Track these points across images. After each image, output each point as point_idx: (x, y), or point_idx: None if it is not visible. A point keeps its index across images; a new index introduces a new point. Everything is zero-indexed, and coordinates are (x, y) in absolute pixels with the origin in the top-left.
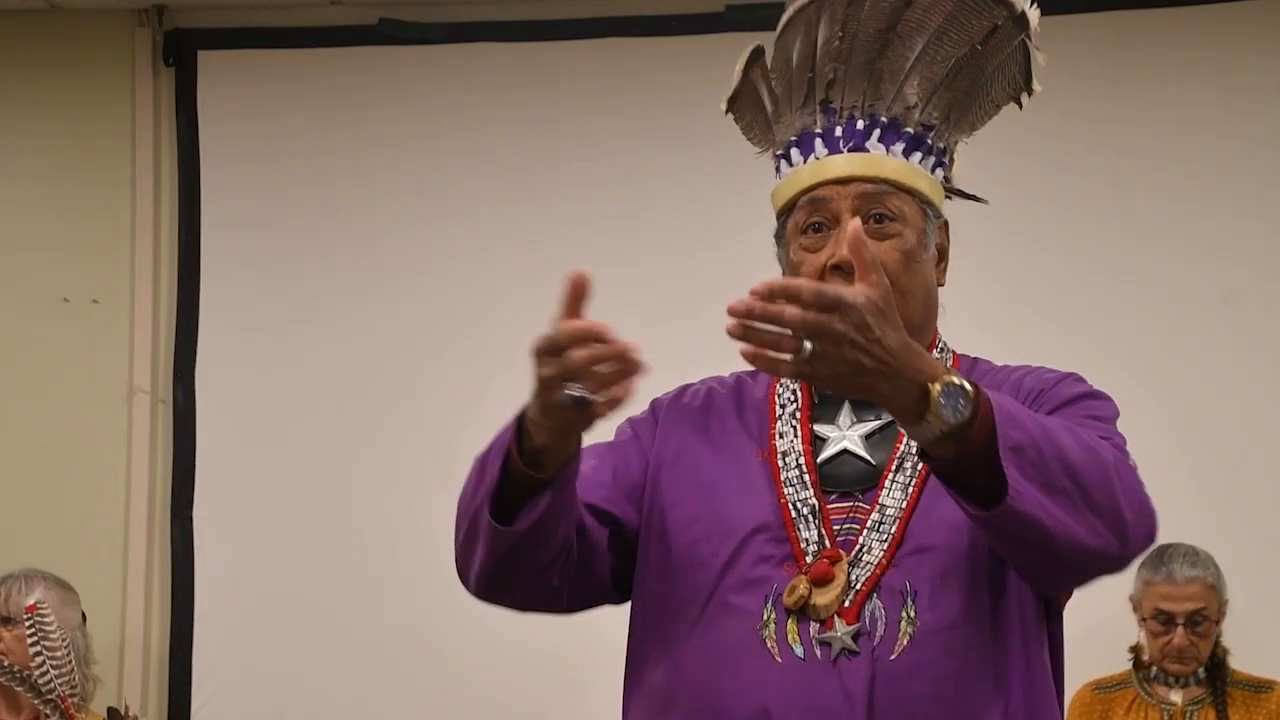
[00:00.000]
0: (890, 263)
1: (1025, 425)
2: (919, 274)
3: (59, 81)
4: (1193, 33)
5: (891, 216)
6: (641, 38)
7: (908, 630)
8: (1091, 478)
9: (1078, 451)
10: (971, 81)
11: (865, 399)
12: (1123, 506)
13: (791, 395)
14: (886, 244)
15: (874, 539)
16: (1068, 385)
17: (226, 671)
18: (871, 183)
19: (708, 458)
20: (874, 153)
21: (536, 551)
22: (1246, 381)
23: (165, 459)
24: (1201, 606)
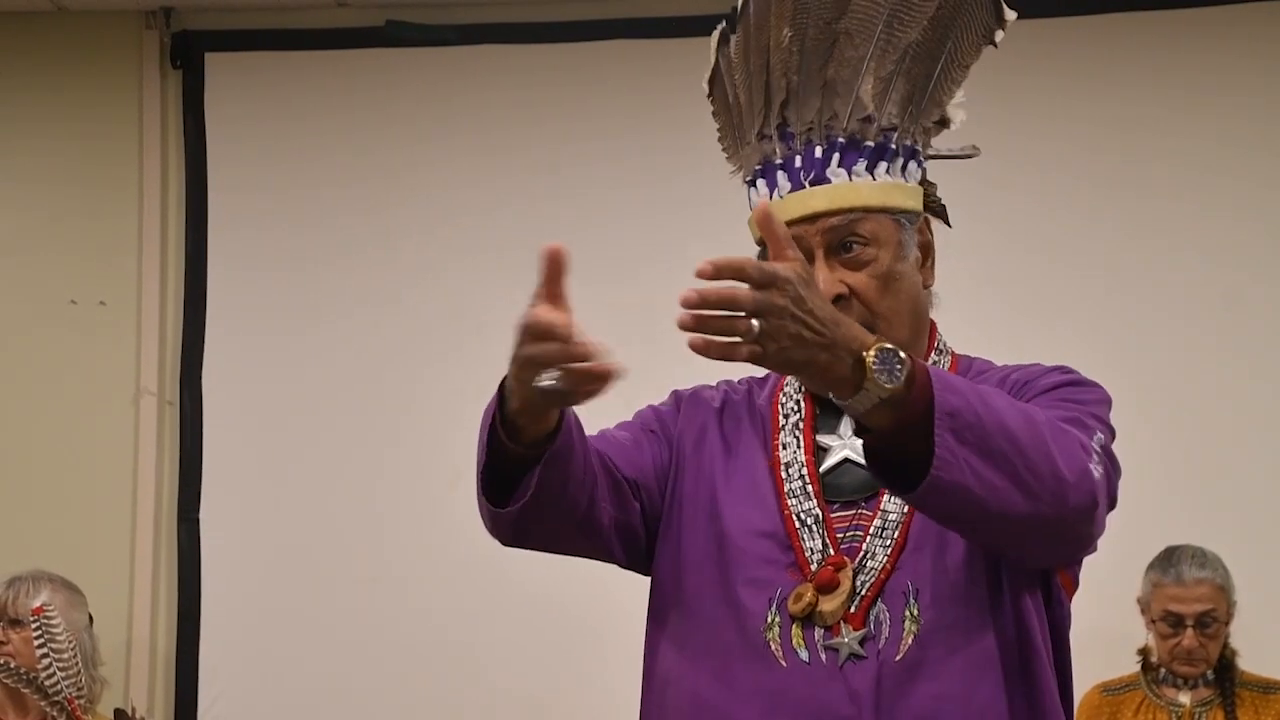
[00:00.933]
0: (867, 291)
1: (961, 391)
2: (900, 292)
3: (66, 84)
4: (1192, 36)
5: (863, 241)
6: (652, 39)
7: (911, 629)
8: (1027, 439)
9: (1013, 416)
10: (930, 61)
11: (807, 374)
12: (1060, 467)
13: (795, 405)
14: (862, 273)
15: (877, 545)
16: (1052, 375)
17: (233, 672)
18: (837, 214)
19: (723, 459)
20: (836, 181)
21: (543, 516)
22: (1248, 383)
23: (172, 461)
24: (1210, 608)
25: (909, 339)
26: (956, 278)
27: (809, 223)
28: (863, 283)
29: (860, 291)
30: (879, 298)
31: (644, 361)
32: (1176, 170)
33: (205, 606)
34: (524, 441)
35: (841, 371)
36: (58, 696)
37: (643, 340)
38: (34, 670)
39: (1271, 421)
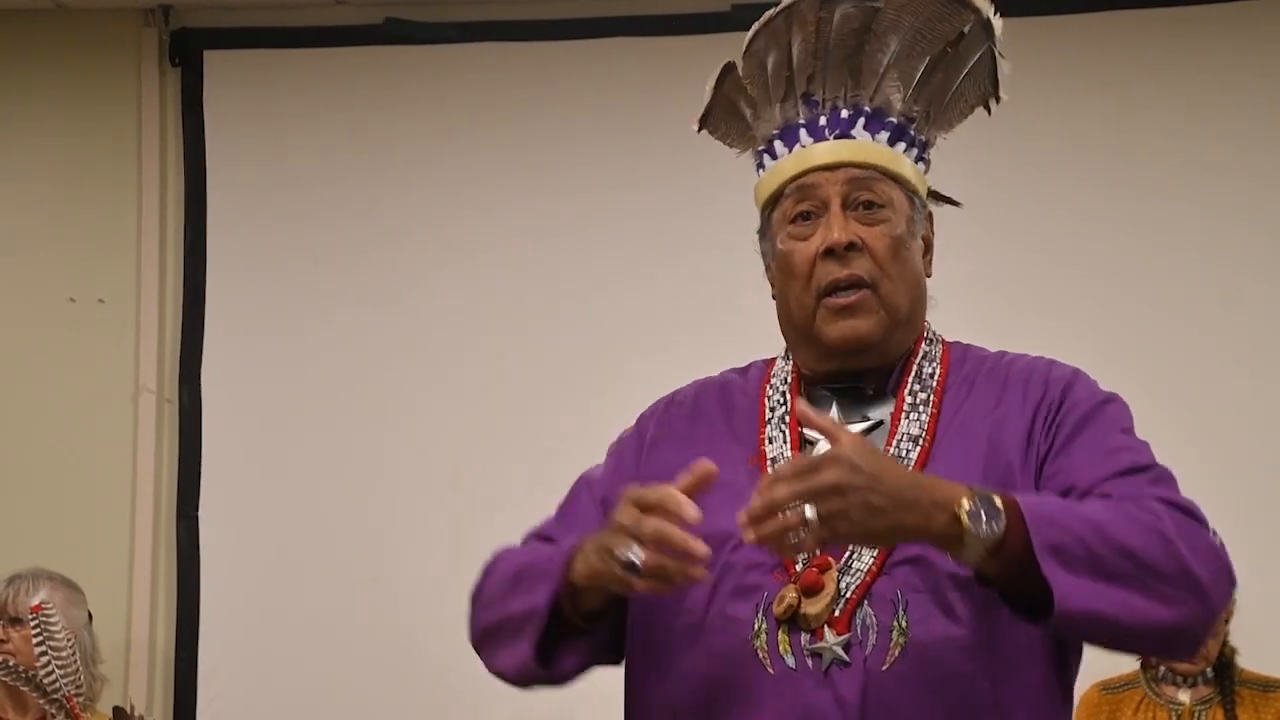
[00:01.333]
0: (880, 248)
1: (1061, 521)
2: (908, 261)
3: (65, 81)
4: (1191, 34)
5: (880, 203)
6: (649, 37)
7: (899, 640)
8: (1150, 551)
9: (1131, 532)
10: (946, 79)
11: (903, 539)
12: (1192, 566)
13: (781, 398)
14: (876, 229)
15: (864, 545)
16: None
17: (232, 671)
18: (860, 168)
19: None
20: (860, 139)
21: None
22: (1247, 382)
23: (171, 459)
24: None
25: (908, 313)
26: (956, 278)
27: (829, 170)
28: (876, 238)
29: (873, 247)
30: (890, 258)
31: (642, 359)
32: (1176, 170)
33: (204, 604)
34: (580, 609)
35: (938, 529)
36: (56, 694)
37: (640, 337)
38: (33, 668)
39: (1270, 421)
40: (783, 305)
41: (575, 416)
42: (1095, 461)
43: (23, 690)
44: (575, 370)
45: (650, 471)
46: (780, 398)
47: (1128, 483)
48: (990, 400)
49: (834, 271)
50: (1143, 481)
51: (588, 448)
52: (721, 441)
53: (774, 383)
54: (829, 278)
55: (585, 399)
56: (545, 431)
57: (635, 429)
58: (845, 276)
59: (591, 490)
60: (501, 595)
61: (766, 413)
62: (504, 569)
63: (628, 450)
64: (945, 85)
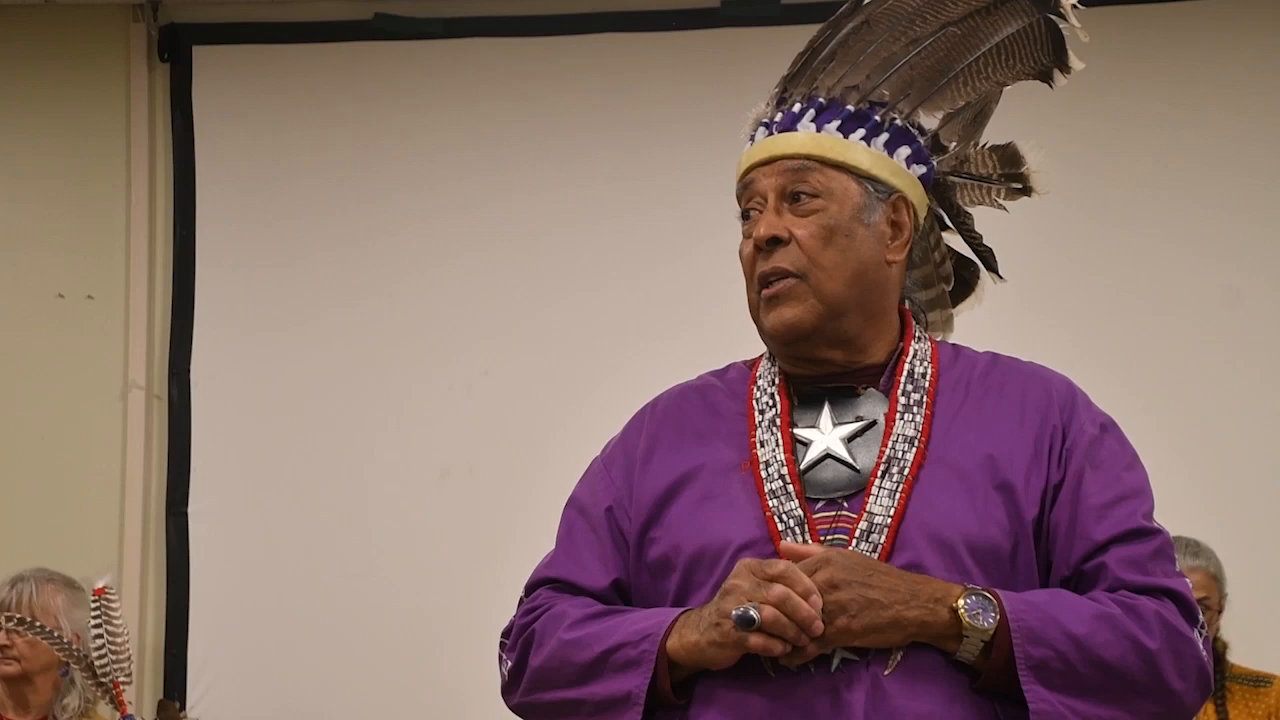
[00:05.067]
0: (805, 238)
1: (1045, 636)
2: (847, 250)
3: (53, 77)
4: (1194, 30)
5: (811, 193)
6: (638, 33)
7: (899, 648)
8: (1128, 667)
9: (1111, 647)
10: (945, 60)
11: (909, 635)
12: (1169, 681)
13: (770, 400)
14: (807, 219)
15: (863, 549)
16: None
17: (221, 667)
18: (795, 159)
19: (687, 480)
20: (803, 131)
21: None
22: (1246, 380)
23: (160, 455)
24: (1203, 596)
25: (852, 302)
26: None
27: (766, 165)
28: (804, 227)
29: (800, 239)
30: (819, 247)
31: (632, 356)
32: (1176, 167)
33: (194, 600)
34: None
35: (940, 621)
36: (105, 679)
37: (630, 334)
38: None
39: (1266, 417)
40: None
41: (565, 414)
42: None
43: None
44: (565, 366)
45: (645, 485)
46: (769, 400)
47: (1130, 552)
48: (987, 408)
49: (762, 265)
50: (1145, 554)
51: (576, 445)
52: (712, 448)
53: (760, 384)
54: (759, 269)
55: (575, 396)
56: (534, 428)
57: (620, 443)
58: (769, 269)
59: (588, 516)
60: (576, 676)
61: (756, 416)
62: (566, 642)
63: (616, 465)
64: (940, 65)
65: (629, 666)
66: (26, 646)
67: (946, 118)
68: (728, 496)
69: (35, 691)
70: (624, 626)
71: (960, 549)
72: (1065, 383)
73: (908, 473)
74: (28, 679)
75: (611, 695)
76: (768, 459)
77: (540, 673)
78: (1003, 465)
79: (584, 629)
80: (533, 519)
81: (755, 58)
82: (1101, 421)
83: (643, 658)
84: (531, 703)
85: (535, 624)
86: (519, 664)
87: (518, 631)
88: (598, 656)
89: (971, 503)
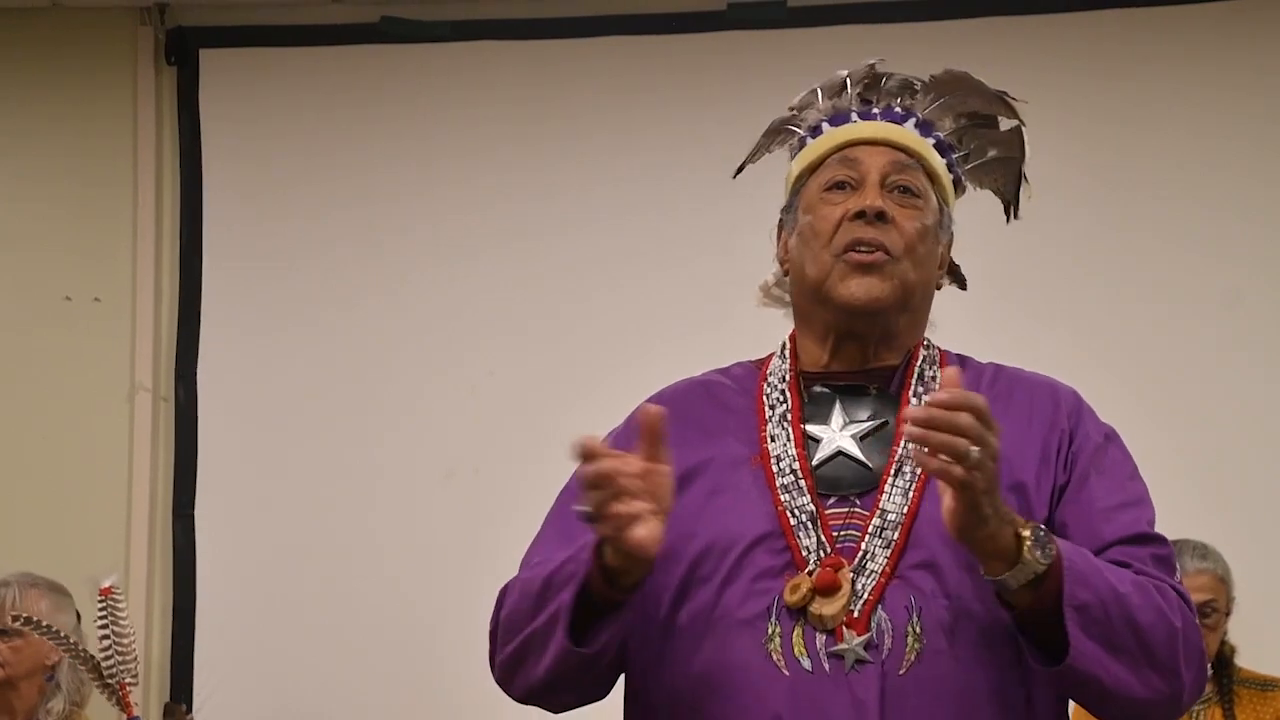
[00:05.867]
0: (910, 229)
1: (1092, 583)
2: (929, 254)
3: (61, 80)
4: (1194, 32)
5: (916, 192)
6: (645, 36)
7: (914, 646)
8: (1156, 638)
9: (1145, 612)
10: (978, 144)
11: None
12: (1181, 665)
13: (780, 396)
14: (909, 212)
15: (876, 545)
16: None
17: (227, 670)
18: (905, 152)
19: (696, 473)
20: (909, 130)
21: (602, 661)
22: (1248, 382)
23: (167, 457)
24: (1211, 598)
25: (917, 301)
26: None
27: (874, 145)
28: (908, 218)
29: (902, 225)
30: (916, 240)
31: (638, 358)
32: (1176, 168)
33: (200, 603)
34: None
35: (1005, 541)
36: (112, 680)
37: (636, 336)
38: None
39: (1270, 419)
40: (798, 272)
41: (570, 415)
42: (1109, 514)
43: (15, 690)
44: (571, 368)
45: None
46: (780, 395)
47: (1133, 553)
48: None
49: (860, 231)
50: (1147, 556)
51: None
52: (718, 440)
53: (771, 380)
54: (853, 235)
55: (581, 397)
56: (540, 429)
57: (624, 432)
58: (871, 238)
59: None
60: (527, 613)
61: (766, 411)
62: (521, 594)
63: None
64: (978, 148)
65: (564, 585)
66: (11, 652)
67: None
68: (738, 490)
69: (20, 697)
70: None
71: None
72: (1071, 391)
73: (920, 472)
74: (12, 684)
75: (549, 615)
76: (779, 454)
77: (505, 622)
78: (1015, 465)
79: (537, 570)
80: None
81: (762, 61)
82: (1106, 431)
83: (572, 577)
84: (504, 658)
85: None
86: (493, 630)
87: (493, 614)
88: (541, 583)
89: None
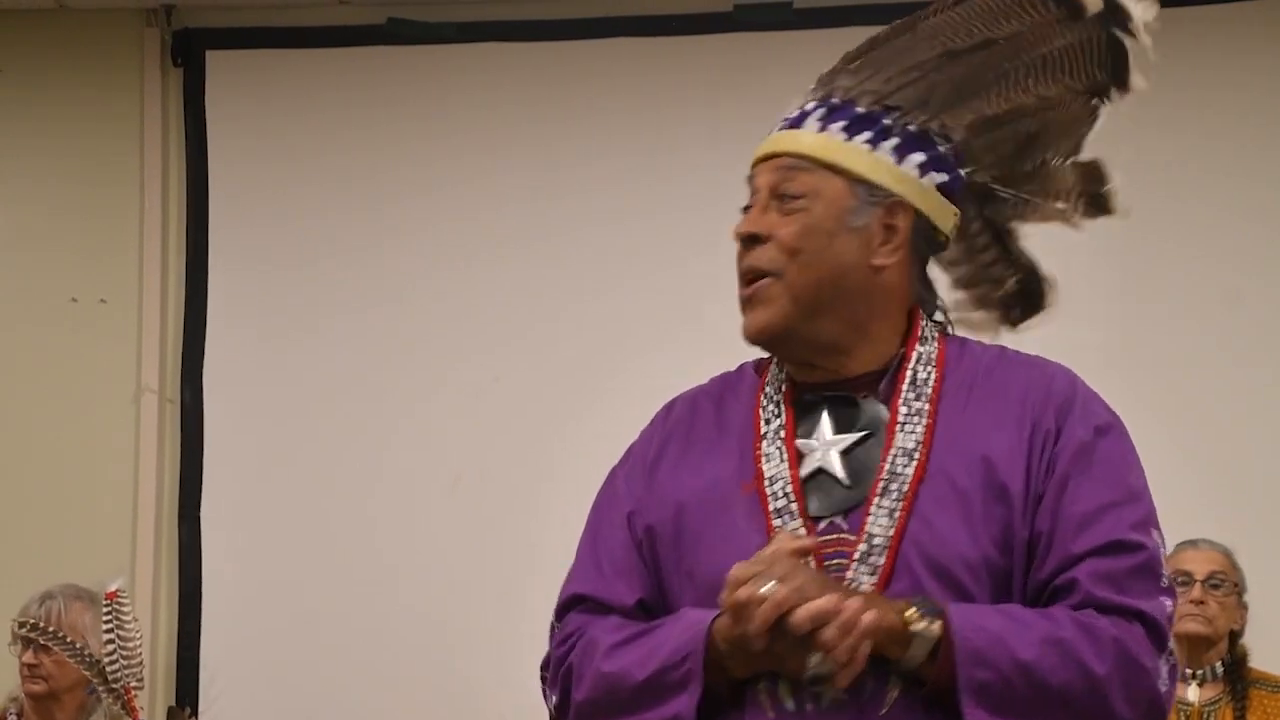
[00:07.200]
0: (784, 236)
1: (991, 658)
2: (823, 251)
3: (67, 81)
4: (1194, 33)
5: (797, 194)
6: (651, 37)
7: (896, 683)
8: (1073, 695)
9: (1057, 673)
10: (979, 66)
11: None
12: (1116, 706)
13: (775, 410)
14: (789, 218)
15: (863, 573)
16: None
17: (234, 671)
18: (787, 157)
19: (694, 504)
20: (805, 130)
21: None
22: (1247, 381)
23: (173, 459)
24: (1220, 569)
25: (825, 305)
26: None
27: (766, 161)
28: (785, 226)
29: (779, 237)
30: (796, 246)
31: (643, 361)
32: (1176, 168)
33: (206, 604)
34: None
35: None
36: (117, 684)
37: (642, 338)
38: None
39: (1271, 419)
40: None
41: (576, 419)
42: (1085, 522)
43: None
44: (576, 372)
45: (655, 496)
46: (775, 409)
47: (1108, 567)
48: (990, 410)
49: (741, 261)
50: (1123, 570)
51: (587, 450)
52: (718, 460)
53: (768, 392)
54: (739, 268)
55: (586, 401)
56: (545, 434)
57: (640, 445)
58: (745, 267)
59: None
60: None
61: (761, 426)
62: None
63: (636, 471)
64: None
65: (676, 688)
66: (54, 665)
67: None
68: (732, 518)
69: (62, 709)
70: (663, 647)
71: (958, 570)
72: (1067, 380)
73: (907, 489)
74: (55, 697)
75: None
76: (772, 474)
77: (585, 706)
78: (1001, 470)
79: (621, 658)
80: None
81: (768, 62)
82: (1099, 424)
83: (688, 678)
84: (584, 707)
85: (571, 656)
86: (562, 701)
87: (555, 665)
88: (642, 684)
89: (968, 519)
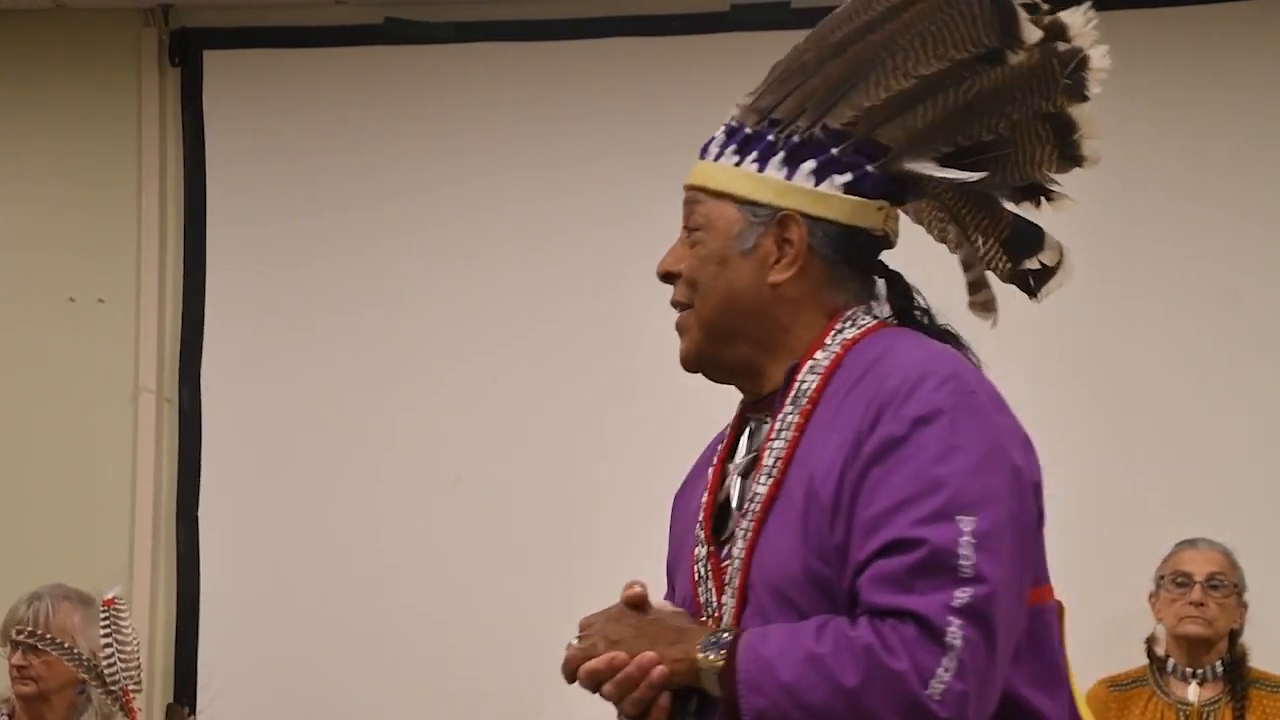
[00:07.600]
0: (686, 270)
1: (763, 685)
2: (718, 278)
3: (65, 81)
4: (1193, 33)
5: (696, 226)
6: (648, 37)
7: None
8: (833, 709)
9: (814, 691)
10: (855, 63)
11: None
12: (880, 714)
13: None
14: (690, 252)
15: (728, 598)
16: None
17: (231, 672)
18: (691, 189)
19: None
20: (705, 162)
21: None
22: (1249, 382)
23: (171, 459)
24: (1220, 570)
25: (731, 329)
26: (952, 276)
27: (685, 195)
28: (687, 261)
29: (683, 272)
30: (697, 279)
31: (649, 362)
32: (1175, 168)
33: (204, 605)
34: None
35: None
36: (115, 687)
37: (641, 339)
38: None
39: (1271, 419)
40: None
41: (576, 420)
42: (875, 523)
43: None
44: (576, 373)
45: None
46: (724, 435)
47: (889, 568)
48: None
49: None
50: (903, 569)
51: (587, 451)
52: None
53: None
54: None
55: (586, 402)
56: (545, 435)
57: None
58: (671, 302)
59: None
60: None
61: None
62: None
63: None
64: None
65: None
66: (43, 666)
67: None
68: (689, 548)
69: (52, 710)
70: None
71: (787, 587)
72: (905, 375)
73: (758, 509)
74: (44, 698)
75: None
76: (702, 502)
77: None
78: (818, 480)
79: None
80: (544, 525)
81: (765, 62)
82: (919, 414)
83: None
84: None
85: None
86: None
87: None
88: None
89: (803, 535)
